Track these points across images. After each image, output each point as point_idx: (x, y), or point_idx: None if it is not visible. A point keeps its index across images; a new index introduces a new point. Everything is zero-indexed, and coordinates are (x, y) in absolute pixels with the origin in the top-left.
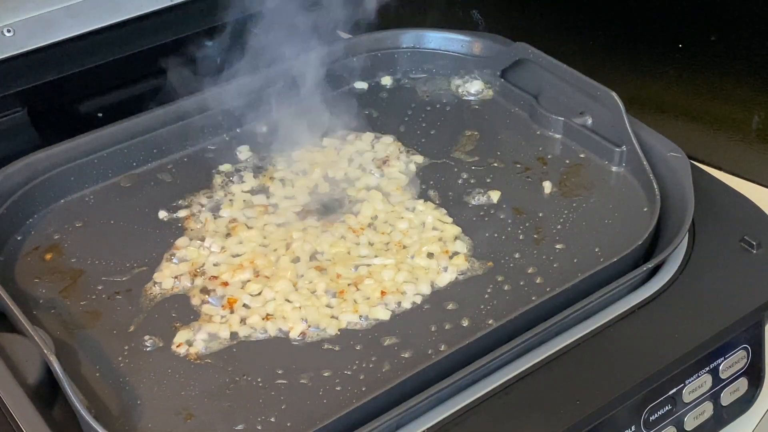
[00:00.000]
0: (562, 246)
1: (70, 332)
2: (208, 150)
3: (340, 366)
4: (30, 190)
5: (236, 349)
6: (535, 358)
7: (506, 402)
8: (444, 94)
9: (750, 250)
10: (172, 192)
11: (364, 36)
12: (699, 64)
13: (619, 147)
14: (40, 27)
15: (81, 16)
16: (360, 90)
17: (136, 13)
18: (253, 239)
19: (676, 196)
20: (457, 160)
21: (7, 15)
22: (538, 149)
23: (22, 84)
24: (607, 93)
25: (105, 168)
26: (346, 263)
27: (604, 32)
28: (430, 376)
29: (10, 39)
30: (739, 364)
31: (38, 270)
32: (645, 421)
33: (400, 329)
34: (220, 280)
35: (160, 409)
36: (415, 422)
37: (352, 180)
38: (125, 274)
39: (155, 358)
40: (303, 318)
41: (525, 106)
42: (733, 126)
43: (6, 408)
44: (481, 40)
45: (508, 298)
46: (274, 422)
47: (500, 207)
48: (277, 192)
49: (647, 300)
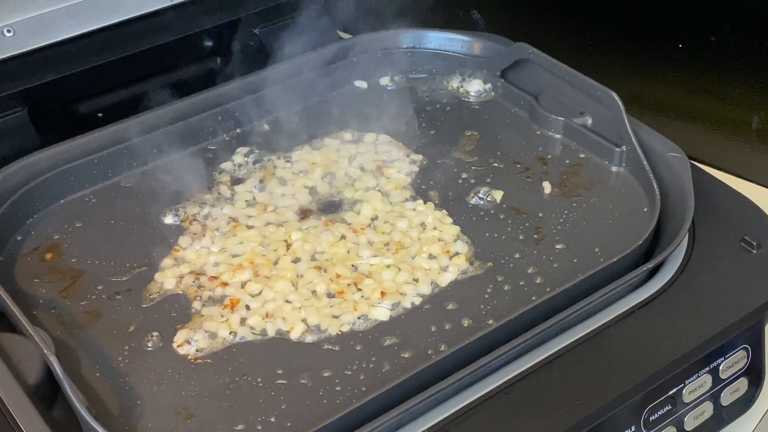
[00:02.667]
0: (562, 246)
1: (70, 332)
2: (208, 150)
3: (340, 366)
4: (30, 190)
5: (236, 349)
6: (535, 358)
7: (506, 402)
8: (444, 94)
9: (750, 250)
10: (172, 192)
11: (364, 36)
12: (699, 64)
13: (619, 147)
14: (40, 27)
15: (81, 16)
16: (360, 90)
17: (136, 13)
18: (253, 239)
19: (676, 196)
20: (457, 160)
21: (7, 15)
22: (538, 149)
23: (22, 84)
24: (607, 93)
25: (105, 168)
26: (346, 263)
27: (604, 32)
28: (430, 376)
29: (10, 39)
30: (739, 364)
31: (38, 270)
32: (645, 421)
33: (400, 329)
34: (220, 280)
35: (160, 409)
36: (415, 422)
37: (352, 180)
38: (125, 274)
39: (155, 358)
40: (303, 318)
41: (525, 106)
42: (733, 126)
43: (6, 408)
44: (481, 40)
45: (508, 298)
46: (274, 422)
47: (500, 207)
48: (277, 192)
49: (647, 300)
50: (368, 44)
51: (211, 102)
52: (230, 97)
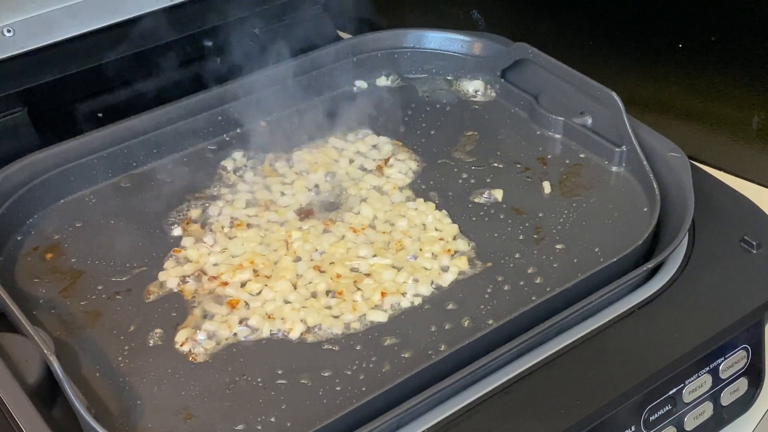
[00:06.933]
0: (562, 246)
1: (70, 332)
2: (208, 150)
3: (340, 366)
4: (30, 190)
5: (236, 349)
6: (535, 358)
7: (506, 402)
8: (444, 94)
9: (750, 250)
10: (172, 192)
11: (364, 36)
12: (699, 64)
13: (619, 147)
14: (40, 27)
15: (81, 16)
16: (360, 90)
17: (136, 13)
18: (254, 239)
19: (676, 196)
20: (457, 160)
21: (7, 15)
22: (538, 149)
23: (22, 84)
24: (607, 93)
25: (105, 168)
26: (345, 263)
27: (604, 32)
28: (430, 376)
29: (10, 39)
30: (739, 364)
31: (38, 270)
32: (645, 421)
33: (400, 329)
34: (220, 280)
35: (160, 409)
36: (415, 422)
37: (352, 180)
38: (125, 274)
39: (155, 358)
40: (303, 318)
41: (525, 106)
42: (733, 126)
43: (6, 408)
44: (481, 40)
45: (508, 298)
46: (274, 422)
47: (500, 207)
48: (277, 192)
49: (647, 300)
50: (368, 44)
51: (211, 102)
52: (230, 97)
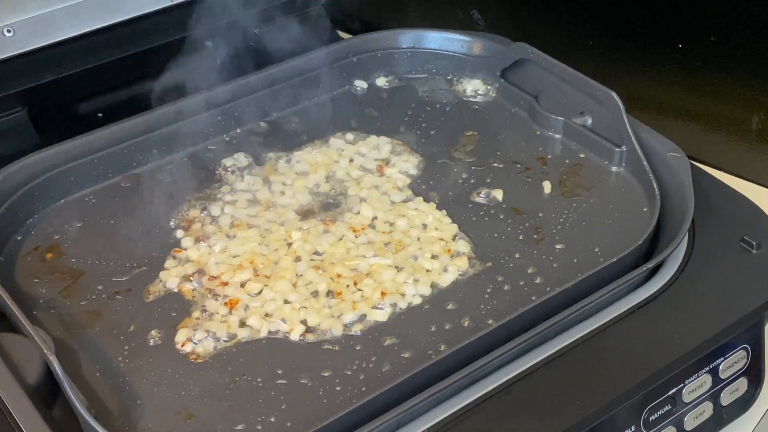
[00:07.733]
0: (562, 246)
1: (70, 332)
2: (208, 150)
3: (340, 366)
4: (30, 190)
5: (236, 349)
6: (535, 358)
7: (506, 402)
8: (444, 94)
9: (750, 250)
10: (172, 192)
11: (364, 36)
12: (699, 64)
13: (619, 147)
14: (40, 27)
15: (81, 16)
16: (360, 90)
17: (136, 13)
18: (254, 239)
19: (676, 196)
20: (457, 160)
21: (7, 15)
22: (538, 149)
23: (22, 84)
24: (607, 93)
25: (105, 168)
26: (345, 263)
27: (603, 32)
28: (430, 376)
29: (10, 39)
30: (739, 364)
31: (38, 270)
32: (645, 421)
33: (400, 329)
34: (220, 279)
35: (160, 409)
36: (415, 422)
37: (352, 180)
38: (125, 274)
39: (155, 358)
40: (303, 318)
41: (525, 106)
42: (733, 126)
43: (6, 408)
44: (481, 40)
45: (508, 298)
46: (274, 422)
47: (500, 207)
48: (277, 191)
49: (647, 300)
50: (368, 44)
51: (211, 102)
52: (230, 97)
